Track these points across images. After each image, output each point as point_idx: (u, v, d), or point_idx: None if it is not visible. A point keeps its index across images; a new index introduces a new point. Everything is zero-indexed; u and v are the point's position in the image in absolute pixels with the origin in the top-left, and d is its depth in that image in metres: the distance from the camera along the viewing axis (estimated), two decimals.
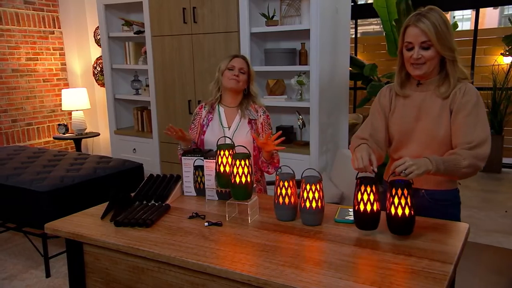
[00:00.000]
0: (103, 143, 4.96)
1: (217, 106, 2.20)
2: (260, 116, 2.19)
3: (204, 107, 2.23)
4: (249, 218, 1.66)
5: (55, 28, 4.87)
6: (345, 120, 3.64)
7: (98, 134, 4.82)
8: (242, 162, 1.64)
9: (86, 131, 4.76)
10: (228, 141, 2.08)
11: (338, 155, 3.16)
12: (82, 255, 1.65)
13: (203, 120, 2.21)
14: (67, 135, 4.69)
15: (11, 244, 3.38)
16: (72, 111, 4.67)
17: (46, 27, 4.78)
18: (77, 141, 4.65)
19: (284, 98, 3.40)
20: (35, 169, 3.21)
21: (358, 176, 1.49)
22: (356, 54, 5.91)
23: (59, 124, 4.71)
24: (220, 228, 1.61)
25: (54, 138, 4.74)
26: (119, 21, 4.14)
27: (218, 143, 1.80)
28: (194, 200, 1.93)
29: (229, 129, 2.15)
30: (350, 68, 4.52)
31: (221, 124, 2.16)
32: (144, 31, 3.86)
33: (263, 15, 3.36)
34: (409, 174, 1.39)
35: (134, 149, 4.13)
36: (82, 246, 1.64)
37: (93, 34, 4.77)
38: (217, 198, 1.89)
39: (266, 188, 2.32)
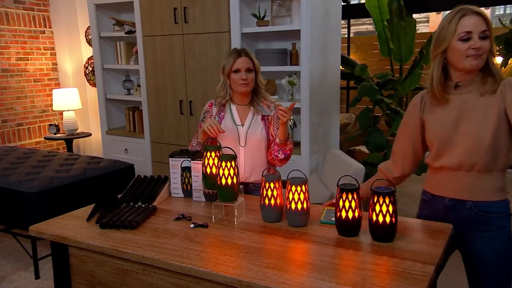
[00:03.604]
0: (95, 143, 4.95)
1: (228, 105, 2.14)
2: (272, 111, 2.15)
3: (214, 105, 2.16)
4: (235, 219, 1.66)
5: (46, 27, 4.84)
6: (336, 120, 3.65)
7: (90, 134, 4.81)
8: (228, 164, 1.64)
9: (78, 131, 4.74)
10: (241, 139, 2.08)
11: (328, 155, 3.17)
12: (67, 258, 1.65)
13: (215, 118, 2.12)
14: (58, 135, 4.67)
15: (0, 246, 3.36)
16: (63, 111, 4.65)
17: (36, 27, 4.75)
18: (69, 142, 4.63)
19: (275, 99, 3.40)
20: (25, 170, 3.20)
21: (339, 184, 1.51)
22: (348, 54, 5.92)
23: (50, 125, 4.69)
24: (206, 229, 1.61)
25: (45, 138, 4.73)
26: (110, 21, 4.13)
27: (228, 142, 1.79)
28: (181, 201, 1.93)
29: (242, 127, 2.11)
30: (343, 68, 4.53)
31: (234, 122, 2.12)
32: (135, 31, 3.85)
33: (254, 15, 3.36)
34: None
35: (126, 149, 4.12)
36: (68, 249, 1.64)
37: (84, 33, 4.75)
38: (204, 200, 1.89)
39: None
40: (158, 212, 1.80)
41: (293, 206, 1.58)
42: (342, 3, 5.87)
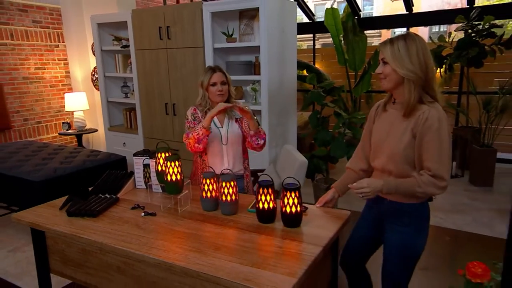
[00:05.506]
0: (102, 138, 4.95)
1: (208, 112, 2.11)
2: None
3: (198, 110, 2.15)
4: (179, 208, 1.69)
5: (60, 42, 4.79)
6: (293, 120, 3.65)
7: (96, 130, 4.80)
8: (173, 163, 1.66)
9: (86, 127, 4.73)
10: (224, 139, 2.09)
11: (282, 150, 3.18)
12: (44, 239, 1.68)
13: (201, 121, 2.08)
14: (70, 131, 4.67)
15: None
16: (74, 111, 4.63)
17: (52, 42, 4.70)
18: (79, 136, 4.63)
19: (242, 102, 3.40)
20: (36, 161, 3.21)
21: (258, 180, 1.52)
22: (314, 63, 5.89)
23: (63, 122, 4.67)
24: (154, 217, 1.63)
25: (59, 134, 4.72)
26: (110, 37, 4.09)
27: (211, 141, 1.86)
28: (143, 192, 1.95)
29: (222, 128, 2.12)
30: (308, 74, 4.51)
31: (216, 125, 2.13)
32: (129, 46, 3.82)
33: (224, 33, 3.33)
34: (364, 196, 1.38)
35: (124, 143, 4.12)
36: (44, 232, 1.66)
37: (91, 47, 4.70)
38: (161, 191, 1.91)
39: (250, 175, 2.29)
40: (120, 202, 1.81)
41: (223, 198, 1.60)
42: (308, 21, 5.83)
